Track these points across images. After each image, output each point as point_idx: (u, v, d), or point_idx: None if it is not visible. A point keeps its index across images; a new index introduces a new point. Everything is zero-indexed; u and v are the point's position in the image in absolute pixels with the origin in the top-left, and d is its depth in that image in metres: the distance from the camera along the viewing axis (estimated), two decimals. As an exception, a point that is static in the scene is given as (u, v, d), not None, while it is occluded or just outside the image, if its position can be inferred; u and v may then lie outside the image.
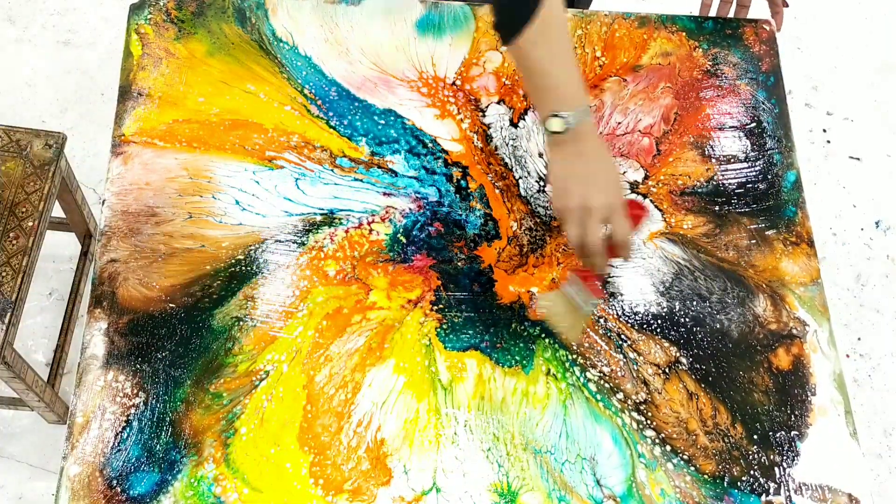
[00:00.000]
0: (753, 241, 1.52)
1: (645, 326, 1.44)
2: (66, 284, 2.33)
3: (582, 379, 1.39)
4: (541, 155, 1.56)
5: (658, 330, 1.44)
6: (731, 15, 1.70)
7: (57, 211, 1.98)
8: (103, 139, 2.40)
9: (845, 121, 2.83)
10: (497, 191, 1.52)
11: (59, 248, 2.33)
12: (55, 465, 2.15)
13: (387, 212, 1.48)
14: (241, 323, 1.37)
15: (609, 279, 1.46)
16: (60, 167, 1.81)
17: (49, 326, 2.32)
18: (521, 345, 1.40)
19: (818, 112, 2.86)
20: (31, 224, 1.73)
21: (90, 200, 2.32)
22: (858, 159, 2.76)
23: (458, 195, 1.51)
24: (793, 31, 2.99)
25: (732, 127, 1.62)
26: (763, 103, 1.64)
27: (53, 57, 2.68)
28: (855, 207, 2.70)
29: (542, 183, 1.53)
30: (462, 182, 1.52)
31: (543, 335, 1.41)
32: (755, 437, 1.38)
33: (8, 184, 1.75)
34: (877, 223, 2.69)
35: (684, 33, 1.69)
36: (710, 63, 1.67)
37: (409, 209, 1.48)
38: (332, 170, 1.50)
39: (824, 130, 2.82)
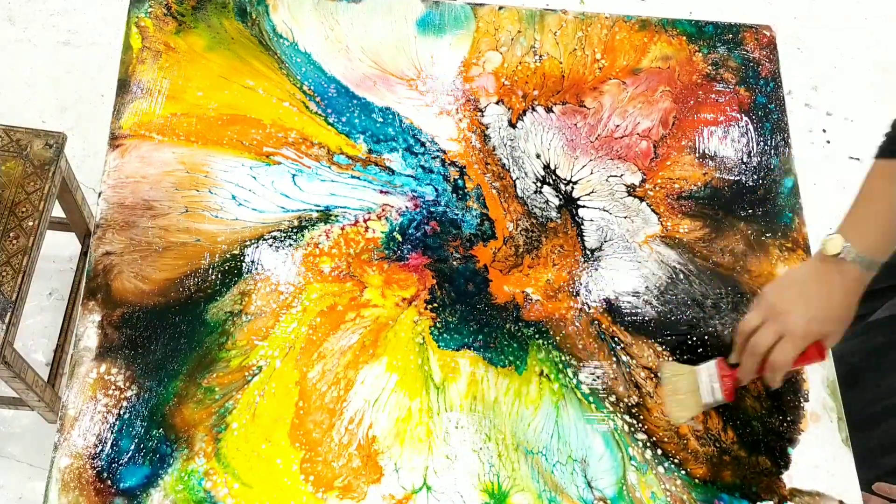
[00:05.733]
0: (749, 247, 1.52)
1: (639, 330, 1.44)
2: (66, 284, 2.33)
3: (575, 380, 1.38)
4: (538, 156, 1.55)
5: (652, 333, 1.44)
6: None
7: (57, 211, 1.98)
8: (103, 139, 2.37)
9: (845, 121, 2.83)
10: (494, 191, 1.52)
11: (59, 248, 2.33)
12: (56, 465, 2.15)
13: (383, 210, 1.48)
14: (235, 318, 1.37)
15: (741, 389, 1.41)
16: (60, 167, 1.81)
17: (49, 326, 2.31)
18: (515, 345, 1.40)
19: (818, 112, 2.86)
20: (31, 224, 1.73)
21: (90, 200, 2.32)
22: (858, 159, 2.76)
23: (454, 194, 1.50)
24: (793, 30, 2.99)
25: (730, 132, 1.61)
26: (761, 108, 1.64)
27: (53, 57, 2.68)
28: (855, 207, 2.70)
29: (538, 184, 1.53)
30: (459, 181, 1.51)
31: (537, 336, 1.41)
32: (747, 442, 1.38)
33: (8, 183, 1.74)
34: (877, 223, 2.69)
35: (685, 37, 1.69)
36: (710, 67, 1.67)
37: (406, 207, 1.48)
38: (329, 167, 1.50)
39: (824, 130, 2.82)
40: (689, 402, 1.37)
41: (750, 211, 1.55)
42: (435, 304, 1.42)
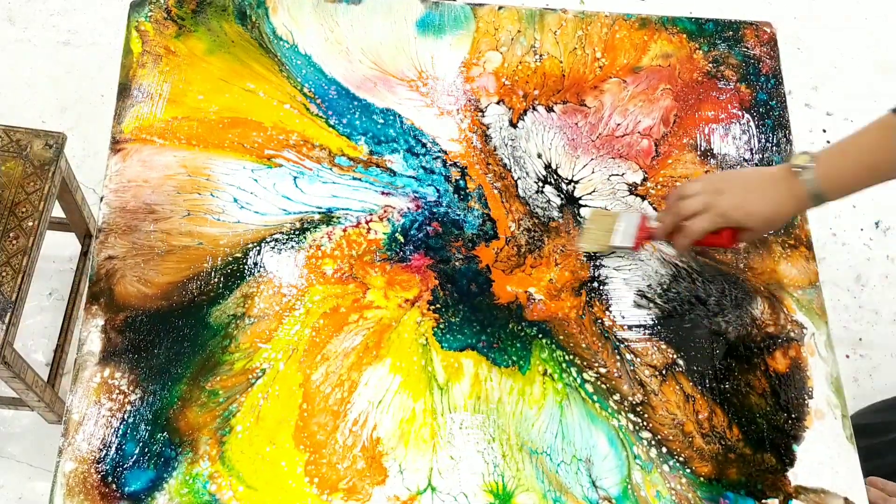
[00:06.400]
0: (751, 244, 1.52)
1: (642, 328, 1.44)
2: (66, 284, 2.33)
3: (578, 380, 1.38)
4: (539, 155, 1.55)
5: (655, 332, 1.44)
6: None
7: (57, 211, 1.97)
8: (103, 139, 2.38)
9: (845, 121, 2.83)
10: (495, 191, 1.52)
11: (59, 248, 2.33)
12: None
13: (385, 211, 1.48)
14: (238, 321, 1.37)
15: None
16: (60, 167, 1.80)
17: (49, 326, 2.31)
18: (518, 345, 1.40)
19: (818, 112, 2.86)
20: (31, 224, 1.73)
21: (90, 200, 2.32)
22: (858, 159, 2.76)
23: (456, 195, 1.50)
24: (793, 31, 2.99)
25: (732, 129, 1.61)
26: (763, 105, 1.64)
27: (53, 57, 2.68)
28: (855, 208, 2.70)
29: (540, 184, 1.53)
30: (461, 182, 1.51)
31: (540, 336, 1.41)
32: (752, 439, 1.38)
33: (8, 184, 1.74)
34: (877, 223, 2.68)
35: (685, 35, 1.69)
36: (711, 65, 1.67)
37: (408, 208, 1.48)
38: (330, 168, 1.50)
39: (824, 130, 2.82)
40: (600, 239, 1.44)
41: (752, 208, 1.55)
42: (438, 305, 1.42)
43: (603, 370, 1.40)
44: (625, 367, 1.40)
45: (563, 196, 1.53)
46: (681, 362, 1.42)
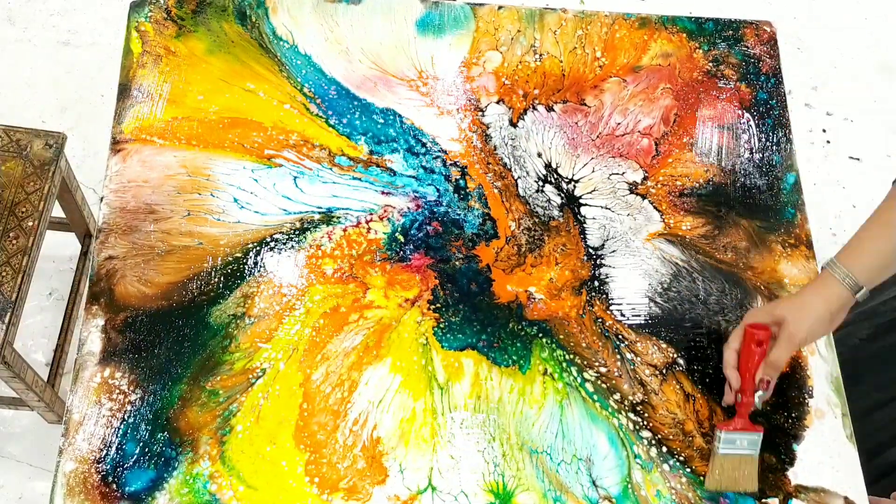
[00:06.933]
0: (752, 243, 1.52)
1: (643, 327, 1.44)
2: (66, 284, 2.33)
3: (579, 379, 1.38)
4: (540, 155, 1.55)
5: (656, 331, 1.44)
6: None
7: (57, 211, 1.98)
8: (103, 139, 2.39)
9: (845, 121, 2.83)
10: (495, 190, 1.52)
11: (59, 248, 2.33)
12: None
13: (385, 211, 1.48)
14: (239, 320, 1.37)
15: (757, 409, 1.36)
16: (60, 167, 1.80)
17: (49, 326, 2.31)
18: (519, 344, 1.40)
19: (818, 112, 2.86)
20: (31, 224, 1.73)
21: (90, 200, 2.32)
22: (858, 159, 2.75)
23: (456, 195, 1.50)
24: (793, 31, 2.99)
25: (732, 128, 1.61)
26: (763, 105, 1.64)
27: (53, 57, 2.68)
28: (855, 208, 2.70)
29: (540, 183, 1.53)
30: (461, 181, 1.51)
31: (541, 335, 1.41)
32: (752, 438, 1.38)
33: (8, 184, 1.74)
34: (876, 224, 2.69)
35: (685, 34, 1.69)
36: (711, 64, 1.67)
37: (408, 208, 1.48)
38: (330, 168, 1.50)
39: (824, 130, 2.82)
40: (748, 470, 1.34)
41: (752, 207, 1.55)
42: (438, 305, 1.42)
43: (603, 369, 1.40)
44: (625, 366, 1.40)
45: (563, 195, 1.53)
46: (681, 361, 1.42)
